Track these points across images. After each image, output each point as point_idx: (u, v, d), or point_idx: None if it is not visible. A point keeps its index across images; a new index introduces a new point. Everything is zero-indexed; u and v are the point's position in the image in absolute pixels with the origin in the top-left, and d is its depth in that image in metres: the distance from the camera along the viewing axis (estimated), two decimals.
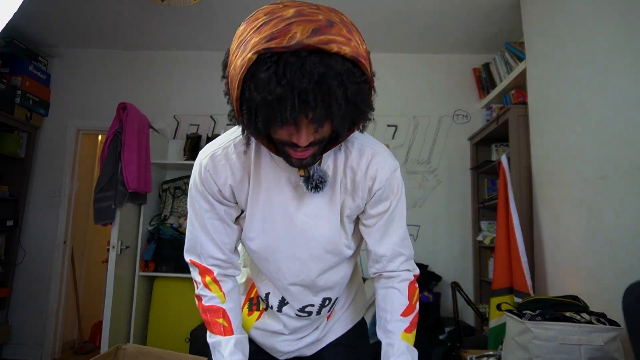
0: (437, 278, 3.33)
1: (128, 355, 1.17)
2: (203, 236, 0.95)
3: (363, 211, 0.98)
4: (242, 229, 0.97)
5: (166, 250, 3.31)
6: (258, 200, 0.92)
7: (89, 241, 4.17)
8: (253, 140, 0.86)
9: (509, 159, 2.65)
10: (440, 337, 2.75)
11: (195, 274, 0.98)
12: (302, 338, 1.09)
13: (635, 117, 1.68)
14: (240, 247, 1.09)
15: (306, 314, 1.05)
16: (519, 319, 1.63)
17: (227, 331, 0.95)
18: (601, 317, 1.60)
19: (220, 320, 0.94)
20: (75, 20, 3.40)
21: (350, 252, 1.01)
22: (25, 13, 3.21)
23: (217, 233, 0.95)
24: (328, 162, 0.91)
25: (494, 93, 3.32)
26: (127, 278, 3.21)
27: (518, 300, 2.26)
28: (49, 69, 3.86)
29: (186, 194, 3.58)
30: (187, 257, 0.99)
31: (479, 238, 3.31)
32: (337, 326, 1.13)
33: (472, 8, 3.05)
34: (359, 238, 1.05)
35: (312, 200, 0.92)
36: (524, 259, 2.33)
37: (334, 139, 0.83)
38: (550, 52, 2.40)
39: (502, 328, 2.28)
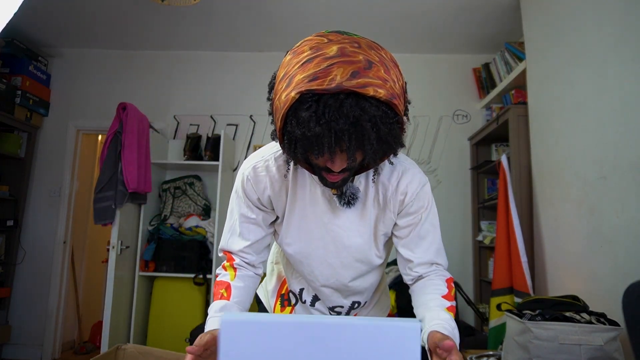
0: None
1: (128, 355, 1.17)
2: (236, 235, 1.04)
3: (395, 224, 1.04)
4: (275, 232, 1.08)
5: (166, 250, 3.31)
6: (294, 209, 1.00)
7: (89, 241, 4.17)
8: None
9: (509, 159, 2.65)
10: None
11: (223, 262, 1.07)
12: None
13: (635, 117, 1.68)
14: (273, 246, 1.19)
15: (335, 313, 1.14)
16: (519, 319, 1.63)
17: (224, 298, 0.99)
18: (601, 317, 1.60)
19: (222, 291, 1.00)
20: (75, 20, 3.40)
21: (380, 261, 1.08)
22: (25, 13, 3.22)
23: (250, 234, 1.04)
24: (360, 178, 0.99)
25: (494, 93, 3.32)
26: (127, 278, 3.21)
27: (518, 300, 2.26)
28: (49, 69, 3.86)
29: (186, 194, 3.60)
30: (220, 251, 1.08)
31: (479, 238, 3.32)
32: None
33: (472, 8, 3.05)
34: (389, 247, 1.12)
35: (344, 213, 0.99)
36: (524, 259, 2.33)
37: (365, 166, 0.90)
38: (550, 52, 2.40)
39: (502, 328, 2.28)
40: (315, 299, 1.13)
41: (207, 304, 3.35)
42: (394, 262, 2.57)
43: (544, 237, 2.40)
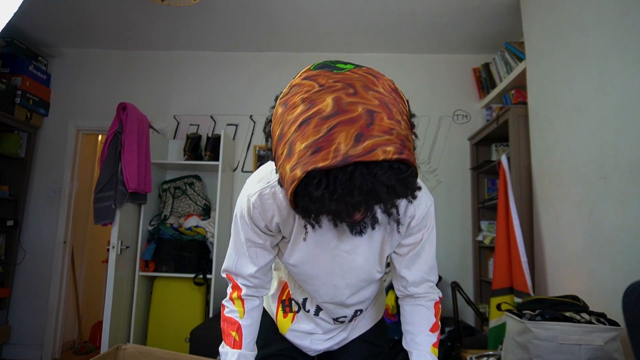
0: (437, 278, 3.33)
1: (128, 355, 1.17)
2: (242, 260, 1.04)
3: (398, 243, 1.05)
4: (279, 251, 1.06)
5: (166, 250, 3.31)
6: (302, 234, 0.98)
7: (89, 241, 4.17)
8: None
9: (509, 159, 2.65)
10: (441, 337, 2.75)
11: (228, 287, 1.08)
12: (332, 337, 1.20)
13: (635, 117, 1.68)
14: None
15: (339, 323, 1.17)
16: (519, 319, 1.63)
17: (236, 345, 1.03)
18: (601, 317, 1.60)
19: (234, 334, 1.03)
20: (75, 20, 3.40)
21: (380, 275, 1.09)
22: (25, 13, 3.22)
23: (257, 258, 1.03)
24: None
25: (494, 93, 3.33)
26: (127, 278, 3.21)
27: (518, 300, 2.26)
28: (49, 69, 3.86)
29: (186, 194, 3.60)
30: (224, 273, 1.08)
31: (479, 238, 3.31)
32: (361, 325, 1.23)
33: (472, 8, 3.05)
34: (387, 260, 1.13)
35: (352, 238, 0.97)
36: (524, 259, 2.33)
37: None
38: (550, 52, 2.40)
39: (502, 328, 2.29)
40: (319, 309, 1.15)
41: (207, 304, 3.35)
42: None
43: (544, 237, 2.40)
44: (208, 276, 3.30)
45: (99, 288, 4.23)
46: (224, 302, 1.08)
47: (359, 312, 1.16)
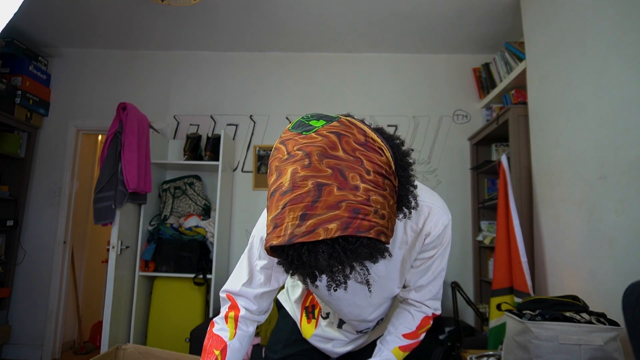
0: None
1: (128, 355, 1.17)
2: (249, 282, 1.02)
3: None
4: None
5: (166, 250, 3.30)
6: None
7: (89, 241, 4.17)
8: None
9: (509, 159, 2.65)
10: (440, 337, 2.75)
11: (223, 307, 1.05)
12: (353, 341, 1.23)
13: (634, 117, 1.68)
14: None
15: (362, 333, 1.21)
16: (519, 319, 1.63)
17: None
18: (601, 317, 1.60)
19: (217, 352, 0.98)
20: (75, 20, 3.40)
21: (399, 290, 1.11)
22: (25, 13, 3.22)
23: (265, 283, 1.03)
24: None
25: (494, 93, 3.32)
26: (127, 278, 3.21)
27: (518, 300, 2.26)
28: (49, 69, 3.86)
29: (186, 194, 3.60)
30: (224, 293, 1.05)
31: (479, 238, 3.31)
32: (380, 328, 1.25)
33: (472, 8, 3.05)
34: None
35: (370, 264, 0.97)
36: (524, 259, 2.33)
37: None
38: (550, 52, 2.40)
39: (502, 328, 2.29)
40: (342, 322, 1.19)
41: (206, 304, 3.35)
42: None
43: (544, 237, 2.40)
44: (208, 276, 3.30)
45: (99, 288, 4.23)
46: (215, 319, 1.04)
47: (380, 322, 1.20)
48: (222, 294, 1.06)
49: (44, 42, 3.78)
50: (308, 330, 1.22)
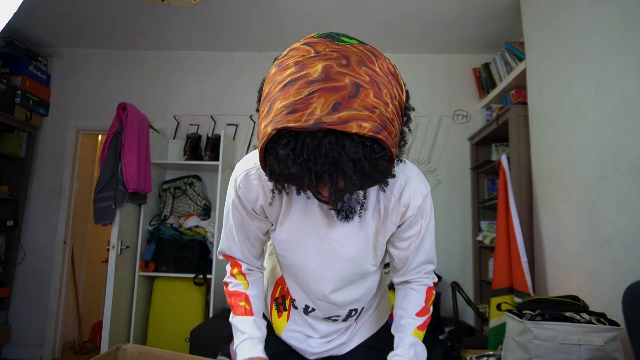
0: (437, 278, 3.32)
1: (128, 355, 1.17)
2: (233, 243, 1.04)
3: (393, 233, 1.00)
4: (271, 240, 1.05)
5: (166, 250, 3.30)
6: (288, 221, 0.96)
7: (89, 241, 4.17)
8: None
9: (509, 159, 2.65)
10: (440, 337, 2.75)
11: (227, 265, 1.08)
12: (331, 340, 1.15)
13: (635, 117, 1.68)
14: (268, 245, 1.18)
15: (332, 322, 1.12)
16: (519, 319, 1.63)
17: (248, 313, 1.02)
18: (601, 317, 1.60)
19: (242, 304, 1.02)
20: (75, 20, 3.40)
21: (374, 269, 1.05)
22: (25, 13, 3.22)
23: (246, 242, 1.03)
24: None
25: (494, 93, 3.32)
26: (127, 278, 3.21)
27: (518, 300, 2.26)
28: (49, 69, 3.86)
29: (186, 194, 3.60)
30: (220, 255, 1.09)
31: (479, 238, 3.32)
32: (363, 329, 1.18)
33: (472, 8, 3.05)
34: (383, 252, 1.07)
35: (342, 226, 0.94)
36: (524, 259, 2.33)
37: None
38: (550, 52, 2.40)
39: (502, 328, 2.29)
40: (311, 308, 1.10)
41: (207, 304, 3.35)
42: None
43: (544, 237, 2.40)
44: (208, 276, 3.30)
45: (99, 288, 4.22)
46: (225, 279, 1.08)
47: (353, 313, 1.11)
48: (219, 255, 1.09)
49: (44, 42, 3.78)
50: (280, 325, 1.15)
